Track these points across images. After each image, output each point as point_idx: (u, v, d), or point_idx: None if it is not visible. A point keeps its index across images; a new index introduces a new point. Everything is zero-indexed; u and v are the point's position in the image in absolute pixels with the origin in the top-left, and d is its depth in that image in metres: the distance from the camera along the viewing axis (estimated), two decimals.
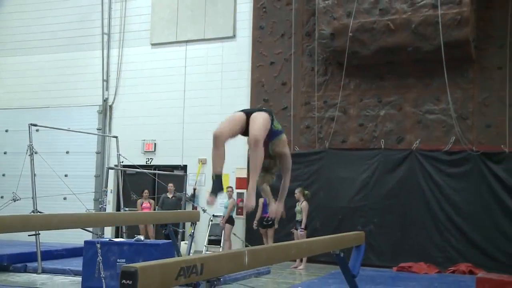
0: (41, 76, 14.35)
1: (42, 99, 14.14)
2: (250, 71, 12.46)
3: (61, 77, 14.12)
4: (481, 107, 10.56)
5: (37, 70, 14.43)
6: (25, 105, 14.18)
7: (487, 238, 10.10)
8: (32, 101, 14.18)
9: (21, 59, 14.64)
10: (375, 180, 11.00)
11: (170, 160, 13.01)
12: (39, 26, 14.52)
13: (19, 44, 14.66)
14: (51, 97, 14.11)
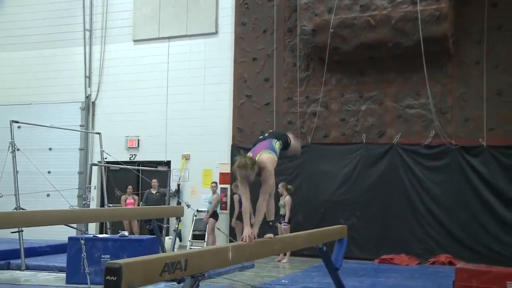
0: (22, 73, 14.19)
1: (24, 96, 13.98)
2: (233, 67, 12.44)
3: (43, 73, 13.97)
4: (459, 101, 10.68)
5: (18, 66, 14.26)
6: (6, 101, 14.00)
7: (465, 230, 10.23)
8: (14, 98, 14.01)
9: (2, 56, 14.46)
10: (357, 174, 11.08)
11: (154, 156, 12.96)
12: (20, 22, 14.33)
13: (0, 40, 14.46)
14: (33, 93, 13.96)
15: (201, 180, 12.47)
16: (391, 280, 7.94)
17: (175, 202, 12.28)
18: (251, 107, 12.19)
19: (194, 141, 12.60)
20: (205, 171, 12.49)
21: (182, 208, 9.53)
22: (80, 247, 7.17)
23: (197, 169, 12.57)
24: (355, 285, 7.25)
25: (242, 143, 12.13)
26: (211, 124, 12.52)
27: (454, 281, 6.61)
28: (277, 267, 9.58)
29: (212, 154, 12.37)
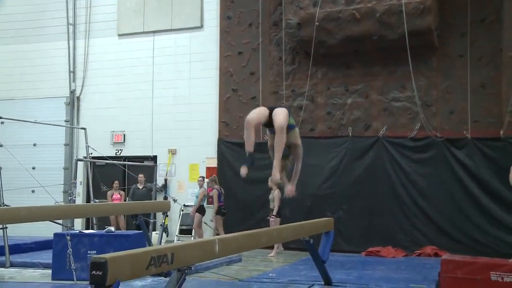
0: (5, 68, 14.03)
1: (7, 91, 13.84)
2: (218, 61, 12.39)
3: (27, 68, 13.83)
4: (444, 94, 10.74)
5: (1, 61, 14.09)
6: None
7: (451, 221, 10.32)
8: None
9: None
10: (343, 167, 11.12)
11: (140, 151, 12.91)
12: (2, 16, 14.16)
13: None
14: (17, 89, 13.82)
15: (187, 175, 12.43)
16: (377, 273, 7.99)
17: (162, 197, 12.28)
18: (237, 101, 12.17)
19: (180, 136, 12.56)
20: (192, 165, 12.47)
21: (169, 203, 9.56)
22: (65, 243, 7.11)
23: (183, 163, 12.54)
24: (342, 277, 7.29)
25: (228, 137, 12.13)
26: (197, 118, 12.48)
27: (439, 272, 6.67)
28: (265, 260, 9.59)
29: (199, 148, 12.34)
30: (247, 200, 11.62)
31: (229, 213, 11.57)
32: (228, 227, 10.73)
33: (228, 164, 11.98)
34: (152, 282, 6.79)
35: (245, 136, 5.14)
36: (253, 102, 11.99)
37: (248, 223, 10.97)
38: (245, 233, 4.50)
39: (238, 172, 12.93)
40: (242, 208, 11.62)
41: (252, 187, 11.57)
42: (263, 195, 11.55)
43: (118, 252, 3.01)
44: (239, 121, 12.11)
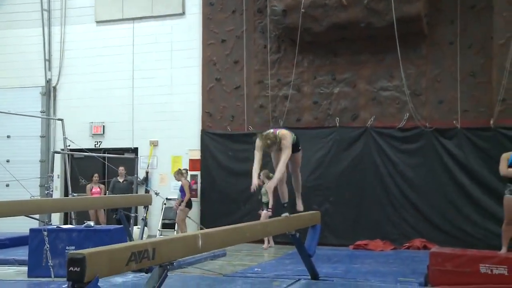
0: None
1: None
2: (201, 49, 12.34)
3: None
4: (433, 83, 10.80)
5: None
6: None
7: (440, 213, 10.40)
8: None
9: None
10: (330, 158, 11.15)
11: (120, 143, 12.85)
12: None
13: None
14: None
15: (170, 167, 12.41)
16: (365, 266, 8.05)
17: (143, 190, 12.24)
18: (221, 90, 12.14)
19: (162, 127, 12.51)
20: (174, 157, 12.44)
21: (151, 196, 9.54)
22: (42, 238, 7.07)
23: (165, 155, 12.52)
24: (329, 272, 7.33)
25: (212, 128, 12.11)
26: (180, 109, 12.44)
27: (428, 265, 6.75)
28: (250, 255, 9.62)
29: (181, 140, 12.31)
30: (232, 193, 11.62)
31: (213, 206, 11.58)
32: (212, 221, 10.72)
33: (212, 156, 11.96)
34: (134, 279, 6.78)
35: (279, 189, 6.14)
36: (238, 92, 11.98)
37: (232, 217, 10.98)
38: (230, 227, 4.51)
39: (222, 164, 13.05)
40: (227, 201, 11.63)
41: (236, 180, 11.58)
42: (248, 188, 11.44)
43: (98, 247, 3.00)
44: (223, 111, 12.11)
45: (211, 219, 11.25)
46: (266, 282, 6.77)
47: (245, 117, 11.80)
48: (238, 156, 11.70)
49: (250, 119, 11.84)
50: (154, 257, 3.24)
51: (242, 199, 11.54)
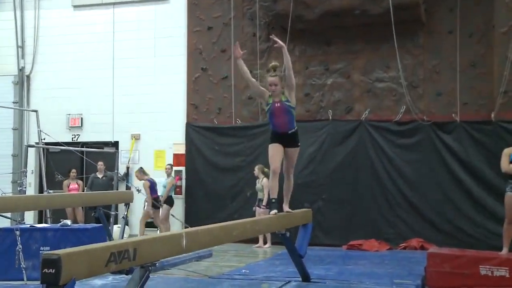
0: None
1: None
2: (186, 37, 12.31)
3: None
4: (431, 74, 10.83)
5: None
6: None
7: (438, 211, 10.44)
8: None
9: None
10: (323, 153, 11.16)
11: (100, 136, 12.81)
12: None
13: None
14: None
15: (153, 162, 12.38)
16: (359, 268, 8.07)
17: (124, 186, 12.23)
18: (207, 81, 12.10)
19: (145, 119, 12.47)
20: (157, 152, 12.42)
21: (132, 193, 9.51)
22: (14, 238, 7.00)
23: (148, 150, 12.49)
24: (321, 273, 7.34)
25: (197, 121, 12.08)
26: (163, 100, 12.39)
27: (426, 267, 6.78)
28: (237, 255, 9.62)
29: (165, 133, 12.28)
30: (219, 190, 11.63)
31: (198, 204, 11.57)
32: (198, 219, 10.72)
33: (198, 150, 11.94)
34: (113, 281, 6.74)
35: (270, 184, 6.03)
36: (225, 83, 11.95)
37: (220, 215, 10.96)
38: (216, 226, 4.49)
39: (208, 159, 13.04)
40: (213, 199, 11.64)
41: (223, 175, 11.59)
42: (236, 185, 11.58)
43: (74, 247, 2.97)
44: (209, 103, 12.07)
45: (196, 218, 11.24)
46: (255, 284, 6.76)
47: (232, 110, 11.78)
48: (225, 151, 11.70)
49: (238, 111, 11.82)
50: (135, 258, 3.21)
51: (229, 196, 11.54)
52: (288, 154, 5.95)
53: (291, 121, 5.87)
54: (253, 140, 11.55)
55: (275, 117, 5.84)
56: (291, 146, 5.95)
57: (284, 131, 5.87)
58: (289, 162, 6.02)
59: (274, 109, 5.80)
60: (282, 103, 5.78)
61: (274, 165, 5.81)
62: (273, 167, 5.83)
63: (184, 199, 11.98)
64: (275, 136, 5.92)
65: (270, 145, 5.91)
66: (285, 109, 5.80)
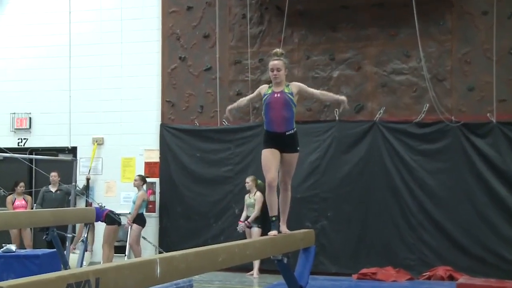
0: None
1: None
2: (161, 19, 12.31)
3: None
4: (461, 64, 10.84)
5: None
6: None
7: (470, 233, 10.43)
8: None
9: None
10: (327, 161, 11.16)
11: (53, 141, 12.78)
12: None
13: None
14: None
15: (119, 173, 12.38)
16: None
17: (84, 203, 12.18)
18: (186, 73, 12.10)
19: (109, 120, 12.45)
20: (125, 160, 12.41)
21: (93, 210, 9.43)
22: None
23: (113, 157, 12.48)
24: None
25: (174, 122, 12.07)
26: (133, 96, 12.39)
27: None
28: (223, 286, 9.59)
29: (134, 137, 12.29)
30: (201, 206, 11.63)
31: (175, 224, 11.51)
32: (175, 242, 10.68)
33: (175, 158, 11.92)
34: None
35: (268, 198, 6.00)
36: (208, 76, 11.93)
37: (202, 238, 10.97)
38: (197, 250, 4.44)
39: (187, 168, 13.04)
40: (194, 217, 11.64)
41: (206, 189, 11.57)
42: (221, 200, 11.55)
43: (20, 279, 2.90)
44: (189, 100, 12.04)
45: (173, 240, 11.26)
46: None
47: (217, 108, 11.76)
48: (209, 159, 11.69)
49: (224, 110, 11.64)
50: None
51: (214, 214, 11.53)
52: (285, 160, 5.90)
53: (290, 119, 5.84)
54: (243, 145, 11.52)
55: (271, 109, 5.81)
56: (289, 151, 5.90)
57: (281, 130, 5.82)
58: (286, 170, 5.97)
59: (272, 100, 5.78)
60: (284, 94, 5.77)
61: (270, 175, 5.79)
62: (269, 178, 5.80)
63: (158, 218, 11.95)
64: (269, 138, 5.88)
65: (263, 150, 5.89)
66: (285, 102, 5.77)
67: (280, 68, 5.75)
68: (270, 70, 5.81)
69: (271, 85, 5.84)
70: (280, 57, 5.82)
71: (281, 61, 5.79)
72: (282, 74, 5.78)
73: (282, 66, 5.78)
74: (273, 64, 5.77)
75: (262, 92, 5.87)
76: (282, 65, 5.78)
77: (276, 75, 5.77)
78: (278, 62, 5.76)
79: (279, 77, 5.76)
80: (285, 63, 5.84)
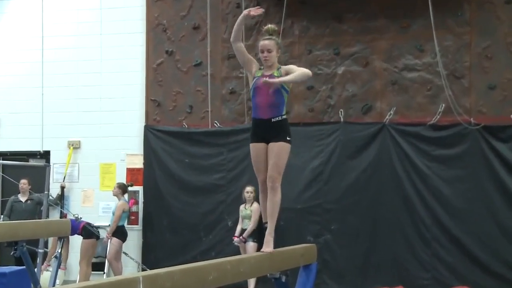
0: None
1: None
2: (145, 8, 12.31)
3: None
4: (481, 60, 10.87)
5: None
6: None
7: (491, 248, 10.45)
8: None
9: None
10: (331, 168, 11.16)
11: (23, 144, 12.77)
12: None
13: None
14: None
15: (98, 180, 12.38)
16: None
17: (57, 214, 12.16)
18: (174, 69, 12.10)
19: (87, 121, 12.48)
20: (104, 166, 12.43)
21: (69, 223, 9.37)
22: None
23: (91, 163, 12.48)
24: None
25: (160, 124, 12.09)
26: (113, 95, 12.41)
27: None
28: None
29: (115, 140, 12.30)
30: (189, 218, 11.64)
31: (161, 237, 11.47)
32: (160, 258, 10.67)
33: (161, 164, 11.93)
34: None
35: (261, 203, 5.92)
36: (198, 72, 11.94)
37: (190, 253, 10.99)
38: (185, 268, 4.40)
39: (175, 176, 13.01)
40: (181, 230, 11.65)
41: (196, 198, 11.57)
42: (213, 211, 11.54)
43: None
44: (177, 99, 12.02)
45: (158, 256, 11.28)
46: None
47: (208, 108, 11.75)
48: (199, 165, 11.70)
49: (216, 110, 11.79)
50: None
51: (204, 226, 11.54)
52: (272, 151, 5.64)
53: (279, 105, 5.65)
54: (237, 149, 11.49)
55: (258, 94, 5.65)
56: (276, 140, 5.64)
57: (267, 116, 5.63)
58: (274, 163, 5.63)
59: (260, 84, 5.60)
60: (274, 78, 5.57)
61: (259, 176, 5.72)
62: (259, 180, 5.76)
63: (142, 231, 11.94)
64: (255, 127, 5.75)
65: (250, 144, 5.78)
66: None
67: (271, 49, 5.59)
68: (260, 51, 5.62)
69: (261, 67, 5.69)
70: (273, 35, 5.67)
71: (272, 41, 5.62)
72: (274, 55, 5.62)
73: (274, 47, 5.62)
74: (263, 44, 5.61)
75: (253, 69, 5.74)
76: (274, 46, 5.62)
77: (266, 57, 5.59)
78: (269, 42, 5.60)
79: (269, 59, 5.60)
80: (277, 43, 5.67)
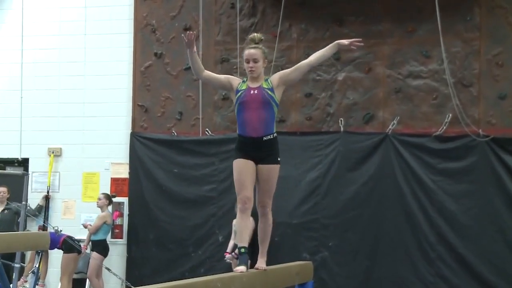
0: None
1: None
2: (133, 7, 12.33)
3: None
4: (491, 67, 10.88)
5: None
6: None
7: (499, 269, 10.45)
8: None
9: None
10: (330, 180, 11.16)
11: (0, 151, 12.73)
12: None
13: None
14: None
15: (80, 190, 12.37)
16: None
17: (36, 225, 12.12)
18: (163, 72, 12.12)
19: (69, 127, 12.49)
20: (87, 175, 12.43)
21: (48, 236, 9.32)
22: None
23: (73, 172, 12.48)
24: None
25: (147, 131, 12.09)
26: (98, 99, 12.41)
27: None
28: None
29: (99, 148, 12.31)
30: (177, 231, 11.64)
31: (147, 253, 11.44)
32: (146, 275, 10.63)
33: (147, 173, 11.92)
34: None
35: (238, 224, 5.85)
36: (188, 76, 11.93)
37: (178, 269, 11.00)
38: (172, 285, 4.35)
39: (162, 186, 12.99)
40: (169, 245, 11.65)
41: (185, 211, 11.60)
42: (203, 224, 11.52)
43: None
44: (166, 105, 12.02)
45: (144, 273, 11.30)
46: None
47: (199, 115, 11.75)
48: (188, 175, 11.72)
49: (207, 118, 11.81)
50: None
51: (194, 241, 11.53)
52: (263, 174, 5.65)
53: (269, 122, 5.58)
54: (229, 159, 11.13)
55: (246, 109, 5.54)
56: (267, 161, 5.63)
57: (257, 134, 5.56)
58: (266, 189, 5.71)
59: (248, 98, 5.52)
60: (263, 91, 5.53)
61: (245, 192, 5.62)
62: (243, 197, 5.64)
63: (126, 245, 11.92)
64: (242, 146, 5.66)
65: (234, 161, 5.70)
66: (264, 100, 5.53)
67: (257, 59, 5.52)
68: (245, 61, 5.57)
69: (245, 79, 5.61)
70: (259, 44, 5.60)
71: (259, 50, 5.56)
72: (260, 66, 5.55)
73: (260, 57, 5.55)
74: (249, 53, 5.55)
75: (235, 85, 5.65)
76: (260, 55, 5.55)
77: (252, 68, 5.53)
78: (256, 52, 5.53)
79: (256, 70, 5.53)
80: (264, 52, 5.59)
